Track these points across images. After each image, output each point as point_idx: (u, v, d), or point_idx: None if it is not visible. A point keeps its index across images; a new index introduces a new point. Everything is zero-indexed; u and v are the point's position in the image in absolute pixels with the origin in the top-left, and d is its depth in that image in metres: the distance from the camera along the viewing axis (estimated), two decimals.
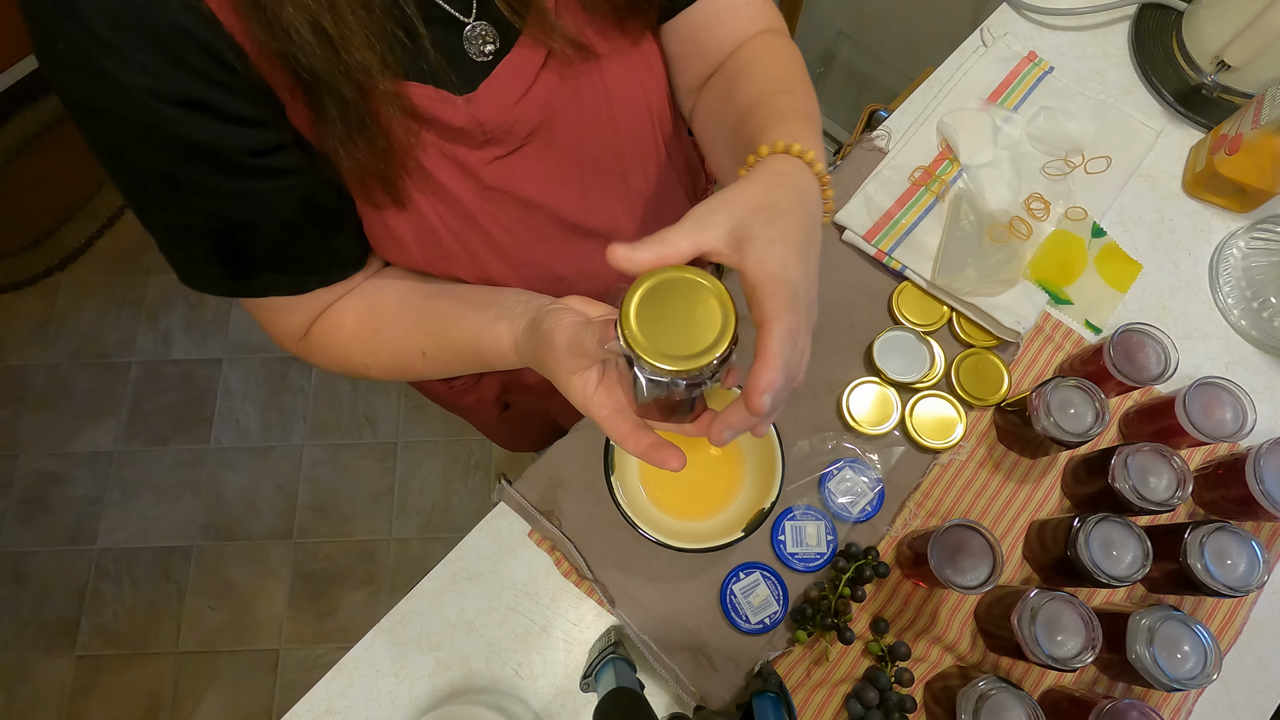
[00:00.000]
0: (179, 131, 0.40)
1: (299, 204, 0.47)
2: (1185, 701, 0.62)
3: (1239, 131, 0.71)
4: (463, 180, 0.50)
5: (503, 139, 0.49)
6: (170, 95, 0.39)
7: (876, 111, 0.84)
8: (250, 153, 0.43)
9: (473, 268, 0.56)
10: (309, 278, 0.52)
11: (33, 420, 1.70)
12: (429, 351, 0.55)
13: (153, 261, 1.85)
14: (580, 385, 0.44)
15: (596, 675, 0.57)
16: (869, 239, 0.74)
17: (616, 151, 0.58)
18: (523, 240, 0.56)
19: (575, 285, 0.63)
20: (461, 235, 0.53)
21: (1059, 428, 0.59)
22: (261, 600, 1.57)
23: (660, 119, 0.61)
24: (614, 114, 0.55)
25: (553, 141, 0.52)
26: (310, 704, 0.60)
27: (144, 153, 0.42)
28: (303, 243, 0.50)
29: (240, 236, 0.47)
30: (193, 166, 0.43)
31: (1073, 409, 0.61)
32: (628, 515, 0.58)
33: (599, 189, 0.58)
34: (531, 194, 0.54)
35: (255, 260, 0.49)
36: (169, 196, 0.45)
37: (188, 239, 0.47)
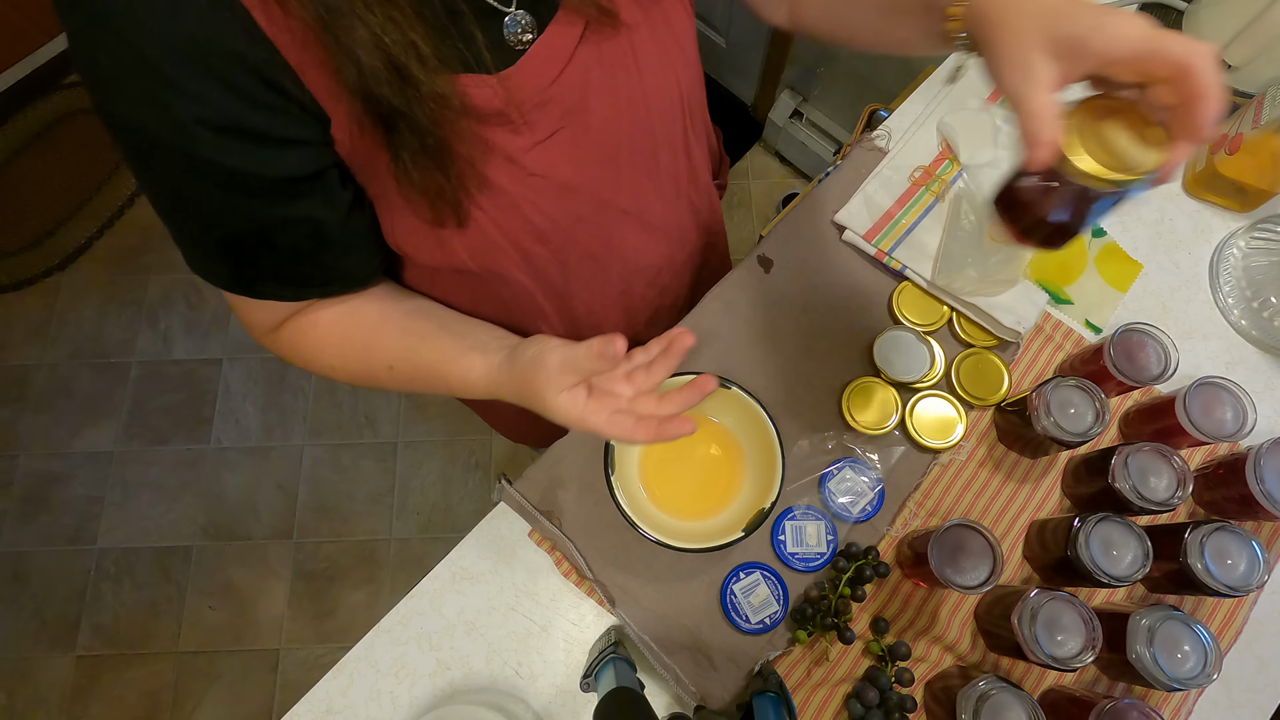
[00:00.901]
0: (212, 157, 0.41)
1: (315, 229, 0.48)
2: (1185, 701, 0.62)
3: (1239, 131, 0.71)
4: (506, 170, 0.50)
5: (540, 122, 0.50)
6: (214, 121, 0.40)
7: (876, 111, 0.84)
8: (279, 179, 0.44)
9: (516, 255, 0.57)
10: (310, 289, 0.53)
11: (33, 420, 1.70)
12: (396, 367, 0.56)
13: (153, 261, 1.85)
14: (570, 400, 0.48)
15: (597, 675, 0.57)
16: (869, 239, 0.74)
17: (648, 131, 0.58)
18: (562, 224, 0.57)
19: (608, 265, 0.64)
20: (505, 225, 0.54)
21: (1059, 427, 0.59)
22: (262, 600, 1.57)
23: (688, 99, 0.61)
24: (646, 94, 0.55)
25: (589, 124, 0.53)
26: (310, 704, 0.60)
27: (171, 170, 0.42)
28: (312, 263, 0.51)
29: (251, 250, 0.48)
30: (217, 188, 0.43)
31: (1073, 409, 0.61)
32: (628, 515, 0.58)
33: (632, 169, 0.59)
34: (570, 177, 0.54)
35: (261, 271, 0.50)
36: (189, 208, 0.45)
37: (199, 240, 0.48)
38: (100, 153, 1.93)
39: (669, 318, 0.75)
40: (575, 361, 0.47)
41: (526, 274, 0.60)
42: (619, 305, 0.69)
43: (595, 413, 0.48)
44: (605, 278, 0.65)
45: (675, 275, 0.74)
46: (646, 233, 0.65)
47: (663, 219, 0.66)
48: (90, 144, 1.94)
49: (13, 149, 1.93)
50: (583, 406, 0.48)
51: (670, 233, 0.68)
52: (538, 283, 0.62)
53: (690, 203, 0.70)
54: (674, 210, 0.67)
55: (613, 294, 0.68)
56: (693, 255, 0.75)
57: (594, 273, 0.64)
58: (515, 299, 0.63)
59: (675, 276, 0.74)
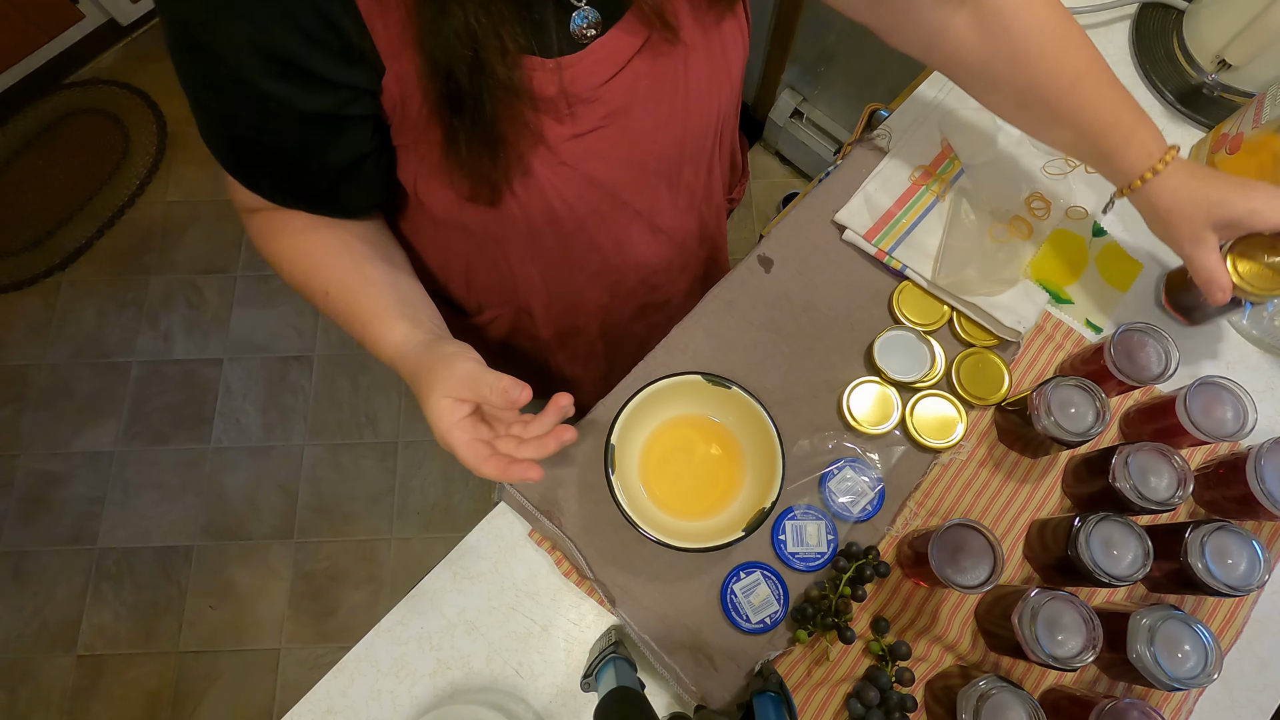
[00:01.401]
0: (252, 78, 0.42)
1: (325, 161, 0.49)
2: (1186, 701, 0.62)
3: (1240, 131, 0.71)
4: (540, 154, 0.51)
5: (583, 116, 0.51)
6: (265, 47, 0.40)
7: (877, 111, 0.84)
8: (311, 113, 0.45)
9: (524, 230, 0.58)
10: (300, 203, 0.54)
11: (34, 420, 1.70)
12: (332, 295, 0.57)
13: (153, 261, 1.85)
14: (448, 409, 0.49)
15: (597, 675, 0.57)
16: (869, 238, 0.74)
17: (680, 147, 0.60)
18: (579, 214, 0.58)
19: (608, 257, 0.66)
20: (525, 204, 0.55)
21: (1059, 427, 0.59)
22: (262, 600, 1.57)
23: (724, 122, 0.63)
24: (688, 112, 0.57)
25: (628, 128, 0.54)
26: (311, 703, 0.60)
27: (208, 71, 0.43)
28: (313, 185, 0.52)
29: (259, 155, 0.50)
30: (247, 102, 0.44)
31: (1073, 408, 0.61)
32: (628, 515, 0.58)
33: (656, 176, 0.61)
34: (598, 173, 0.55)
35: (263, 172, 0.51)
36: (211, 99, 0.46)
37: (213, 128, 0.49)
38: (100, 152, 1.93)
39: (658, 316, 0.76)
40: (480, 382, 0.48)
41: (528, 250, 0.62)
42: (607, 292, 0.71)
43: (463, 432, 0.50)
44: (602, 267, 0.67)
45: (670, 278, 0.75)
46: (652, 234, 0.67)
47: (671, 225, 0.67)
48: (90, 144, 1.94)
49: (13, 149, 1.93)
50: (454, 422, 0.49)
51: (675, 239, 0.70)
52: (535, 256, 0.63)
53: (700, 215, 0.71)
54: (684, 220, 0.69)
55: (604, 281, 0.69)
56: (690, 263, 0.77)
57: (594, 261, 0.65)
58: (509, 264, 0.64)
59: (670, 279, 0.75)
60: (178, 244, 1.87)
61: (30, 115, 1.97)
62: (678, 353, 0.70)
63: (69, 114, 1.98)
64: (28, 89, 1.96)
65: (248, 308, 1.81)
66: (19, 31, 1.86)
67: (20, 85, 1.95)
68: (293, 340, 1.78)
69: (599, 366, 0.84)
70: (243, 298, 1.82)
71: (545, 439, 0.51)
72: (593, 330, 0.77)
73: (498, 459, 0.50)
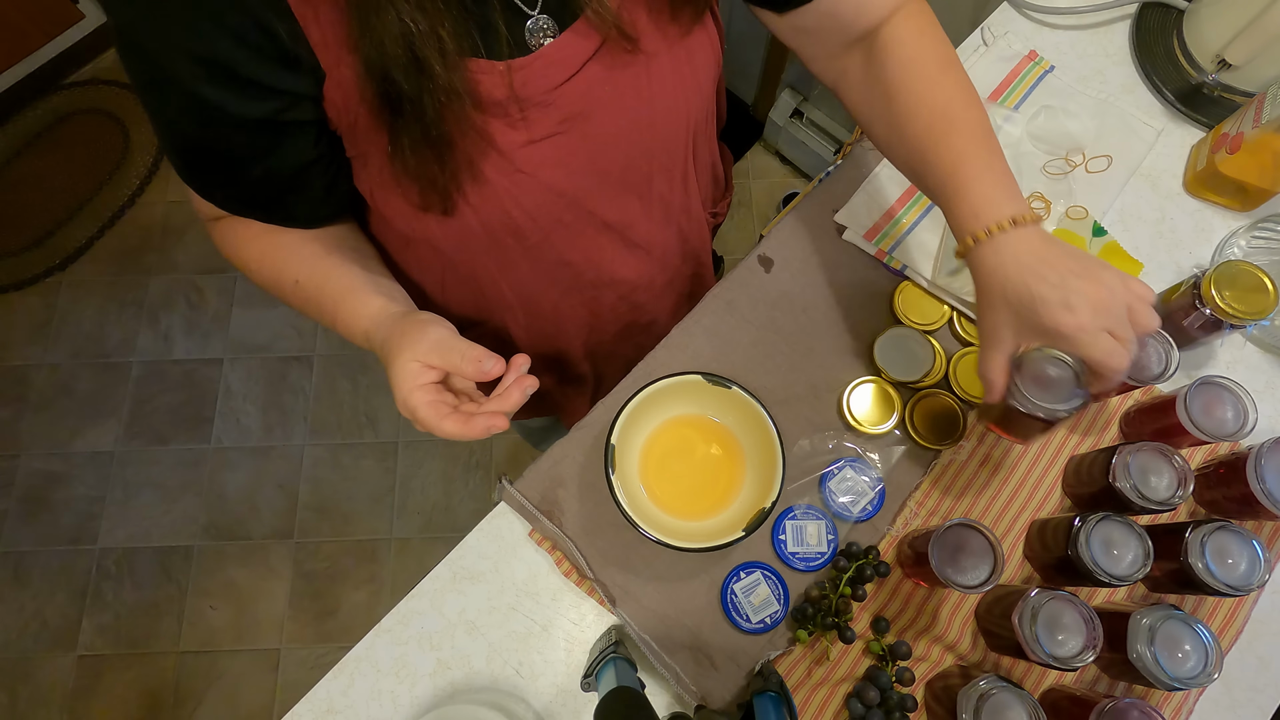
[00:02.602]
0: (190, 87, 0.42)
1: (270, 171, 0.49)
2: (1186, 701, 0.62)
3: (1240, 130, 0.71)
4: (495, 162, 0.51)
5: (537, 121, 0.50)
6: (200, 54, 0.40)
7: None
8: (250, 120, 0.45)
9: (487, 243, 0.57)
10: (253, 211, 0.54)
11: (34, 420, 1.70)
12: (302, 282, 0.56)
13: (153, 261, 1.85)
14: (415, 371, 0.48)
15: (597, 675, 0.57)
16: (869, 238, 0.74)
17: (648, 155, 0.59)
18: (541, 224, 0.57)
19: (582, 272, 0.65)
20: (484, 215, 0.54)
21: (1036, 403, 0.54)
22: (263, 600, 1.57)
23: (695, 130, 0.62)
24: (653, 119, 0.56)
25: (588, 134, 0.53)
26: (311, 703, 0.60)
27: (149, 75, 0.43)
28: (262, 193, 0.52)
29: (208, 163, 0.50)
30: (187, 110, 0.44)
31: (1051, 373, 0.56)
32: (628, 514, 0.58)
33: (623, 186, 0.59)
34: (557, 181, 0.55)
35: (214, 180, 0.52)
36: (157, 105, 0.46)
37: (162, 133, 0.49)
38: (100, 153, 1.93)
39: (644, 337, 0.75)
40: (451, 349, 0.47)
41: (495, 263, 0.61)
42: (586, 310, 0.70)
43: (424, 393, 0.48)
44: (576, 283, 0.66)
45: (653, 296, 0.74)
46: (627, 250, 0.65)
47: (647, 239, 0.66)
48: (90, 144, 1.94)
49: (13, 149, 1.93)
50: (418, 384, 0.48)
51: (653, 254, 0.69)
52: (505, 274, 0.62)
53: (679, 229, 0.70)
54: (661, 233, 0.67)
55: (580, 299, 0.68)
56: (674, 280, 0.76)
57: (565, 277, 0.64)
58: (480, 281, 0.64)
59: (653, 297, 0.74)
60: (178, 244, 1.87)
61: (30, 115, 1.97)
62: (678, 353, 0.70)
63: (69, 114, 1.98)
64: (28, 89, 1.96)
65: (248, 308, 1.81)
66: (19, 31, 1.86)
67: (20, 85, 1.95)
68: (293, 340, 1.78)
69: (587, 389, 0.83)
70: (243, 298, 1.82)
71: (508, 390, 0.49)
72: (577, 351, 0.75)
73: (459, 414, 0.48)
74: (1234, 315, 0.63)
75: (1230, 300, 0.63)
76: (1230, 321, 0.64)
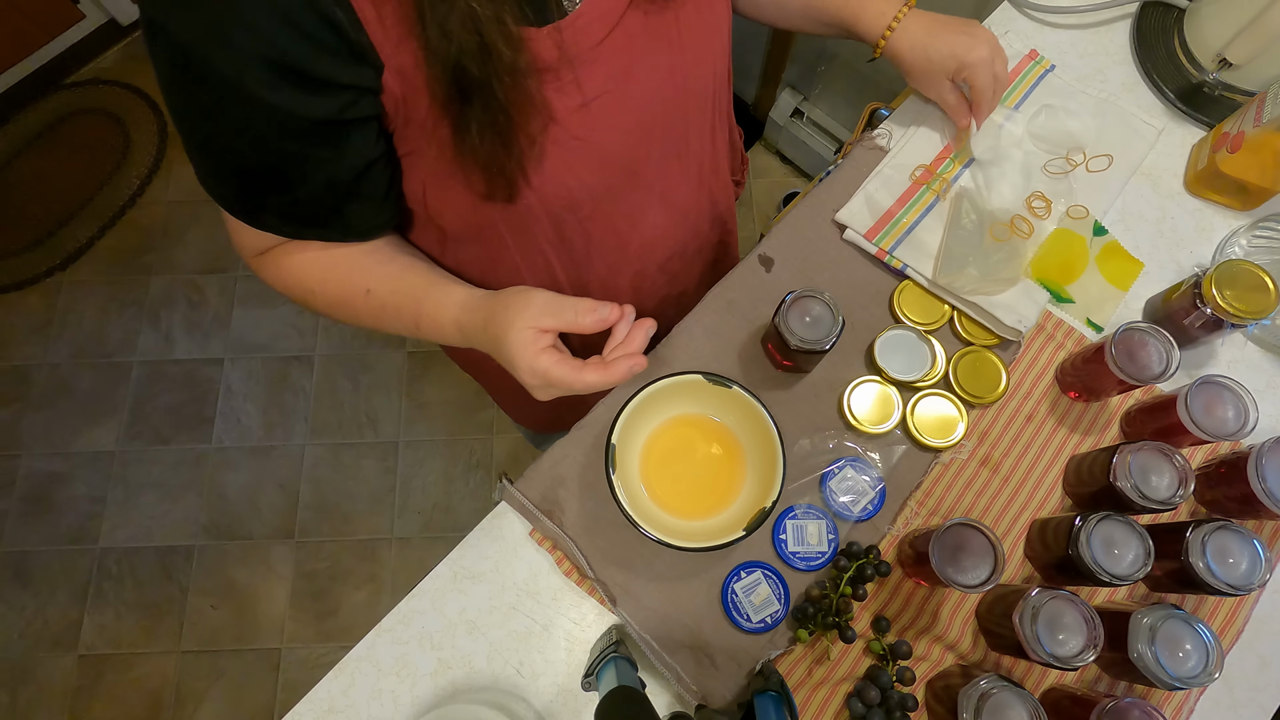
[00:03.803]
0: (256, 92, 0.41)
1: (331, 176, 0.49)
2: (1187, 700, 0.62)
3: (1241, 129, 0.71)
4: (554, 133, 0.51)
5: (586, 82, 0.50)
6: (268, 56, 0.40)
7: (877, 110, 0.84)
8: (316, 121, 0.44)
9: (547, 222, 0.58)
10: (311, 230, 0.54)
11: (34, 420, 1.70)
12: (374, 290, 0.56)
13: (154, 261, 1.85)
14: (531, 338, 0.49)
15: (598, 674, 0.57)
16: (870, 238, 0.74)
17: (683, 110, 0.59)
18: (595, 192, 0.57)
19: (628, 240, 0.65)
20: (543, 192, 0.54)
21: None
22: (263, 599, 1.57)
23: (719, 86, 0.63)
24: (685, 70, 0.57)
25: (630, 92, 0.53)
26: (312, 703, 0.60)
27: (210, 95, 0.42)
28: (321, 206, 0.51)
29: (265, 183, 0.49)
30: (252, 122, 0.43)
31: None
32: (629, 514, 0.58)
33: (664, 144, 0.60)
34: (608, 144, 0.55)
35: (267, 204, 0.51)
36: (216, 134, 0.45)
37: (214, 162, 0.48)
38: (101, 152, 1.93)
39: (674, 311, 0.75)
40: (563, 307, 0.48)
41: (552, 244, 0.61)
42: (631, 286, 0.70)
43: (549, 354, 0.48)
44: (623, 254, 0.66)
45: (685, 264, 0.74)
46: (667, 213, 0.66)
47: (684, 201, 0.67)
48: (91, 144, 1.94)
49: (13, 149, 1.94)
50: (540, 349, 0.48)
51: (689, 217, 0.69)
52: (559, 253, 0.62)
53: (710, 192, 0.71)
54: (695, 195, 0.68)
55: (628, 274, 0.69)
56: (704, 248, 0.76)
57: (614, 247, 0.65)
58: (531, 270, 0.63)
59: (685, 265, 0.74)
60: (178, 244, 1.87)
61: (30, 115, 1.97)
62: (678, 352, 0.70)
63: (69, 114, 1.98)
64: (28, 89, 1.96)
65: (249, 307, 1.81)
66: (19, 31, 1.86)
67: (20, 85, 1.95)
68: (293, 340, 1.78)
69: None
70: (244, 297, 1.82)
71: (631, 333, 0.51)
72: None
73: (594, 364, 0.49)
74: (1235, 314, 0.63)
75: (1231, 299, 0.63)
76: (1231, 321, 0.64)
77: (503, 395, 0.96)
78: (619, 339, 0.52)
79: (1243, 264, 0.64)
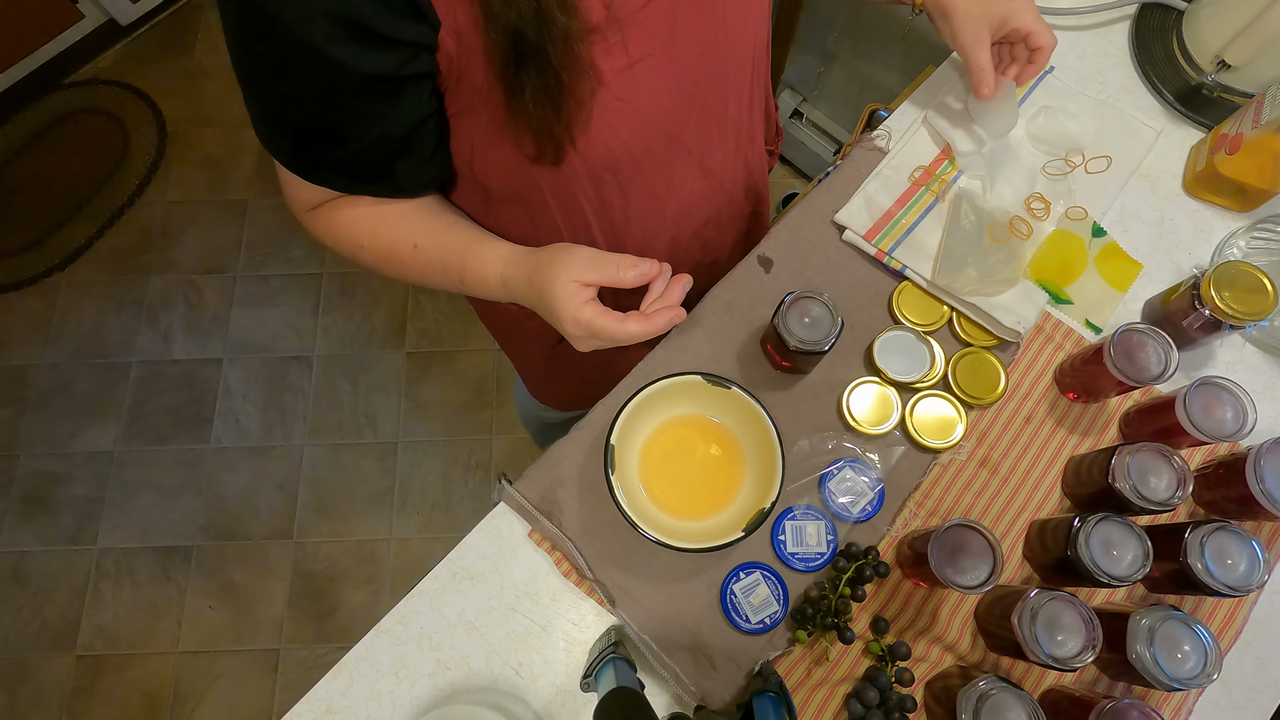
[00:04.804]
0: (322, 45, 0.43)
1: (386, 132, 0.50)
2: (1186, 701, 0.62)
3: (1239, 131, 0.71)
4: (600, 94, 0.52)
5: (632, 43, 0.51)
6: (334, 10, 0.41)
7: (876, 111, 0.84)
8: (374, 76, 0.45)
9: (589, 184, 0.59)
10: (361, 186, 0.55)
11: (33, 420, 1.70)
12: (420, 245, 0.58)
13: (153, 261, 1.85)
14: (575, 290, 0.51)
15: (597, 675, 0.57)
16: (869, 239, 0.74)
17: (723, 75, 0.60)
18: (635, 153, 0.58)
19: (665, 204, 0.66)
20: (586, 153, 0.55)
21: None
22: (262, 600, 1.57)
23: (758, 52, 0.64)
24: (728, 35, 0.57)
25: (673, 54, 0.54)
26: (311, 704, 0.60)
27: (277, 49, 0.44)
28: (373, 162, 0.53)
29: (322, 137, 0.50)
30: (315, 76, 0.45)
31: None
32: (628, 515, 0.58)
33: (704, 109, 0.61)
34: (650, 106, 0.56)
35: (323, 158, 0.52)
36: (277, 84, 0.47)
37: (274, 115, 0.50)
38: (100, 153, 1.93)
39: (706, 279, 0.76)
40: (605, 261, 0.50)
41: (592, 205, 0.61)
42: (666, 251, 0.71)
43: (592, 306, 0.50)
44: (660, 219, 0.67)
45: (719, 230, 0.75)
46: (704, 178, 0.67)
47: (720, 168, 0.68)
48: (90, 144, 1.94)
49: (13, 149, 1.93)
50: (584, 301, 0.50)
51: (725, 184, 0.70)
52: (598, 215, 0.63)
53: (745, 160, 0.71)
54: (731, 162, 0.69)
55: (663, 239, 0.69)
56: (737, 216, 0.77)
57: (651, 211, 0.65)
58: (571, 232, 0.64)
59: (718, 232, 0.75)
60: (177, 244, 1.87)
61: (30, 115, 1.97)
62: (678, 353, 0.70)
63: (69, 114, 1.98)
64: (28, 89, 1.96)
65: (248, 308, 1.81)
66: (19, 31, 1.86)
67: (20, 85, 1.95)
68: (293, 340, 1.78)
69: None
70: (243, 298, 1.82)
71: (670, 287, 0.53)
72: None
73: (637, 315, 0.51)
74: (1233, 316, 0.63)
75: (1229, 301, 0.63)
76: (1229, 322, 0.64)
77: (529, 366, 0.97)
78: (656, 293, 0.53)
79: (1241, 265, 0.64)
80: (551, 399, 1.05)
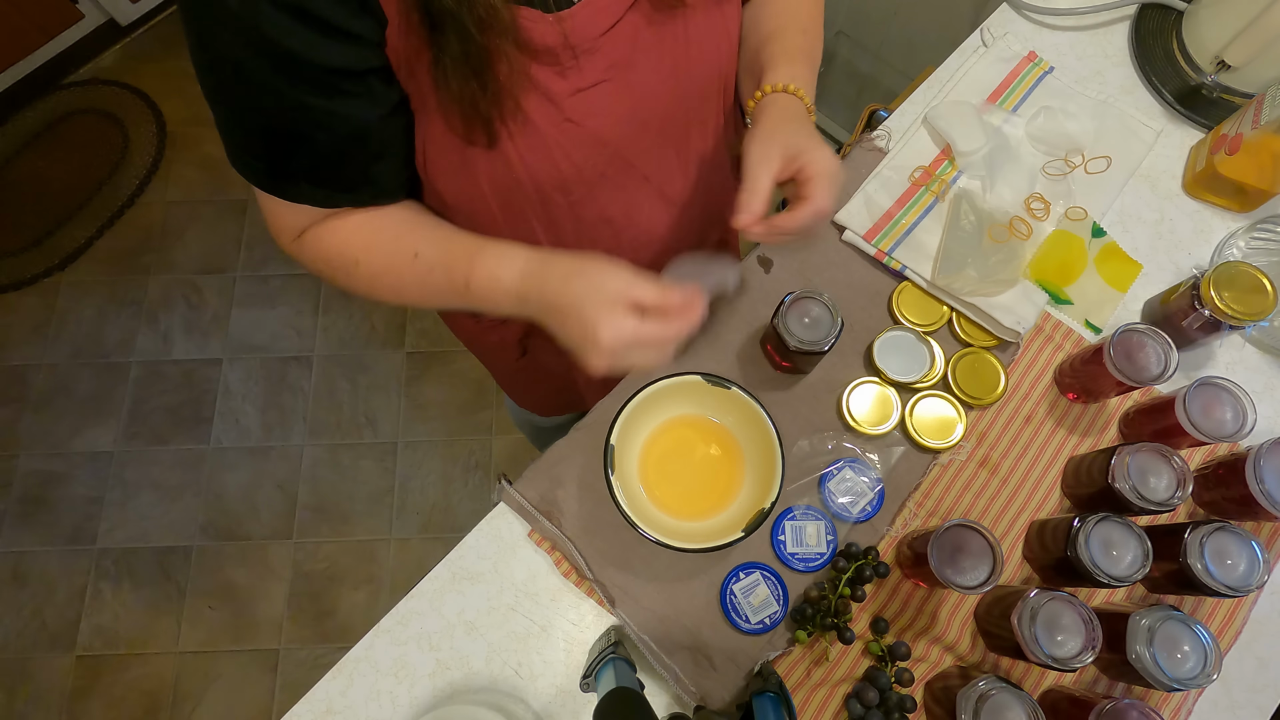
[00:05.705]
0: (272, 34, 0.43)
1: (355, 129, 0.50)
2: (1185, 701, 0.62)
3: (1239, 131, 0.71)
4: (545, 109, 0.52)
5: (586, 69, 0.51)
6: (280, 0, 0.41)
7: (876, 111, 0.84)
8: (330, 69, 0.45)
9: (535, 198, 0.58)
10: (341, 196, 0.54)
11: (33, 420, 1.70)
12: (422, 253, 0.56)
13: (153, 261, 1.85)
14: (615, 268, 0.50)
15: (596, 675, 0.57)
16: (869, 239, 0.74)
17: (684, 106, 0.60)
18: (586, 176, 0.58)
19: (621, 230, 0.65)
20: (531, 164, 0.55)
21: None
22: (261, 600, 1.57)
23: (726, 84, 0.63)
24: (690, 68, 0.57)
25: (632, 82, 0.54)
26: (310, 704, 0.60)
27: (231, 44, 0.44)
28: (347, 166, 0.52)
29: (291, 144, 0.50)
30: (270, 69, 0.45)
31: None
32: (628, 515, 0.58)
33: (662, 137, 0.61)
34: (603, 130, 0.56)
35: (297, 168, 0.51)
36: (239, 89, 0.47)
37: (243, 128, 0.50)
38: (100, 153, 1.93)
39: None
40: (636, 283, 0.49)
41: (541, 222, 0.61)
42: None
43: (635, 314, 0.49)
44: (617, 245, 0.66)
45: None
46: (664, 206, 0.66)
47: (681, 196, 0.67)
48: (90, 144, 1.94)
49: (13, 149, 1.93)
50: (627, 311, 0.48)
51: (686, 213, 0.69)
52: (548, 233, 0.63)
53: (709, 187, 0.71)
54: (693, 191, 0.68)
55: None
56: (702, 246, 0.76)
57: (607, 236, 0.65)
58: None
59: None
60: (177, 244, 1.87)
61: (30, 115, 1.97)
62: (677, 353, 0.70)
63: (68, 114, 1.98)
64: (27, 89, 1.96)
65: (247, 308, 1.81)
66: (19, 31, 1.86)
67: (20, 85, 1.95)
68: (292, 340, 1.78)
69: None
70: (242, 298, 1.82)
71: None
72: None
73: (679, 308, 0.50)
74: (1233, 316, 0.63)
75: (1229, 301, 0.63)
76: (1229, 322, 0.64)
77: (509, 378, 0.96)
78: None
79: (1241, 266, 0.64)
80: (530, 405, 1.05)
